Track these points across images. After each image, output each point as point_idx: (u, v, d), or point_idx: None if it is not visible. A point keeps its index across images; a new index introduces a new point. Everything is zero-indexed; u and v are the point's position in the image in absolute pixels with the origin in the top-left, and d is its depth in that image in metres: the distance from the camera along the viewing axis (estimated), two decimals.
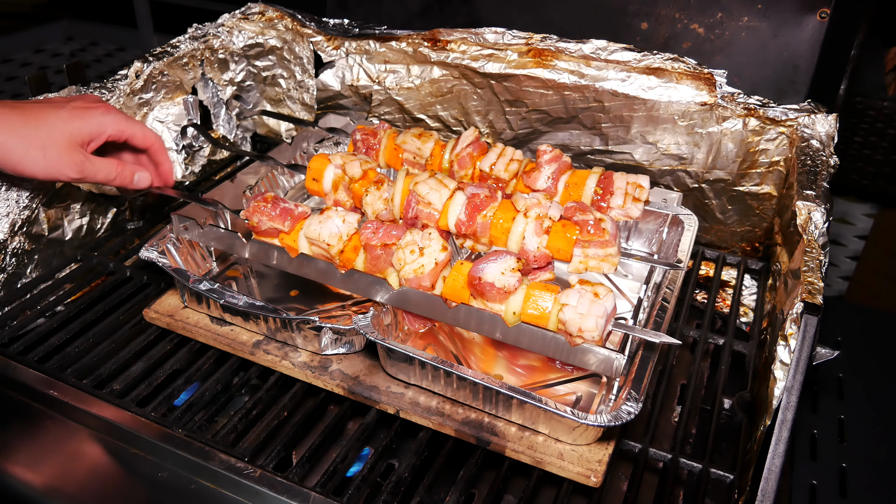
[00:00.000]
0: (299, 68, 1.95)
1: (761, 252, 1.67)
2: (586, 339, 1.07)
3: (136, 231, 1.70)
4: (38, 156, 1.19)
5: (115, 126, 1.29)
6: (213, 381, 1.28)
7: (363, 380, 1.23)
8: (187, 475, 1.10)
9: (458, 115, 1.84)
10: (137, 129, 1.33)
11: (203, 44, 1.83)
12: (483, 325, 1.17)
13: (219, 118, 1.95)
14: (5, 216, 1.40)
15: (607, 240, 1.17)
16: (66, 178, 1.24)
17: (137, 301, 1.47)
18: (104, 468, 1.13)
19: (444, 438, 1.18)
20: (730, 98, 1.53)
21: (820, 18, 1.55)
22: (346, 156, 1.39)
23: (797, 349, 1.11)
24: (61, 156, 1.21)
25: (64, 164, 1.22)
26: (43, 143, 1.19)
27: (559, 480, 1.12)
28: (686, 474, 1.19)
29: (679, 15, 1.66)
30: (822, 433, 1.51)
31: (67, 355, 1.31)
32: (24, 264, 1.47)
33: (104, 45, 3.67)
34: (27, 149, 1.18)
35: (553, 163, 1.38)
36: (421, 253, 1.17)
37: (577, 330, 1.07)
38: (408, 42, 1.79)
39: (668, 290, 1.29)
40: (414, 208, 1.28)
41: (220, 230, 1.34)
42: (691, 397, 1.30)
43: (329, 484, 1.09)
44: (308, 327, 1.24)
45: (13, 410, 1.22)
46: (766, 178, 1.58)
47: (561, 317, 1.08)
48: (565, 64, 1.64)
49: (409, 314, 1.32)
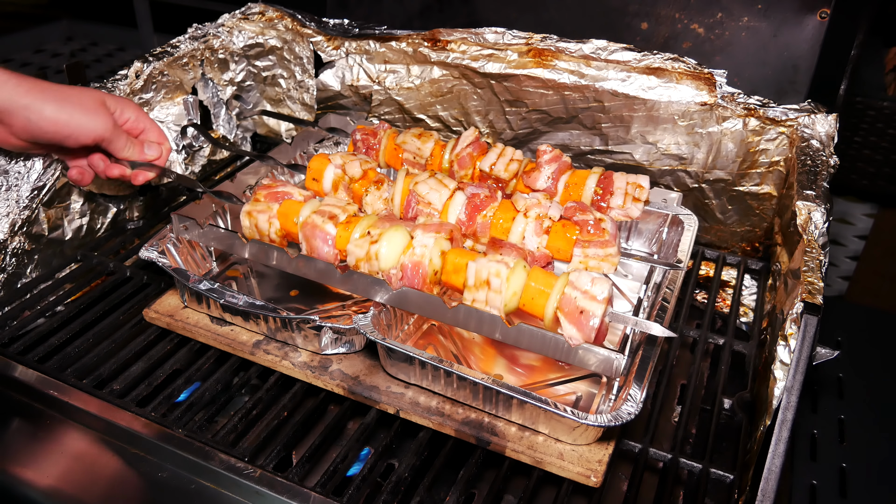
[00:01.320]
0: (299, 68, 1.95)
1: (761, 252, 1.67)
2: (587, 318, 1.07)
3: (136, 231, 1.70)
4: (84, 119, 1.26)
5: (137, 112, 1.36)
6: (213, 381, 1.28)
7: (363, 380, 1.23)
8: (187, 475, 1.10)
9: (458, 115, 1.84)
10: (153, 129, 1.40)
11: (203, 44, 1.83)
12: (483, 325, 1.17)
13: (219, 118, 1.95)
14: (5, 216, 1.40)
15: (607, 240, 1.17)
16: (99, 134, 1.29)
17: (137, 301, 1.47)
18: (104, 468, 1.13)
19: (444, 438, 1.18)
20: (730, 98, 1.53)
21: (820, 18, 1.55)
22: (346, 156, 1.39)
23: (797, 349, 1.11)
24: (98, 112, 1.28)
25: (102, 120, 1.28)
26: (85, 105, 1.27)
27: (559, 480, 1.12)
28: (686, 474, 1.19)
29: (679, 15, 1.66)
30: (822, 433, 1.51)
31: (67, 355, 1.31)
32: (24, 264, 1.47)
33: (104, 45, 3.67)
34: (71, 114, 1.25)
35: (553, 163, 1.38)
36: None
37: (583, 301, 1.07)
38: (408, 42, 1.79)
39: (668, 290, 1.28)
40: (414, 208, 1.28)
41: (220, 230, 1.34)
42: (691, 397, 1.30)
43: (329, 484, 1.09)
44: (308, 327, 1.24)
45: (13, 410, 1.22)
46: (766, 178, 1.58)
47: (568, 291, 1.09)
48: (565, 64, 1.64)
49: None
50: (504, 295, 1.12)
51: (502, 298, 1.12)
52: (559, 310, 1.09)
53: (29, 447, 1.16)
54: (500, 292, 1.11)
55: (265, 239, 1.30)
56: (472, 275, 1.13)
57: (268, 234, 1.30)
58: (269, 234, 1.30)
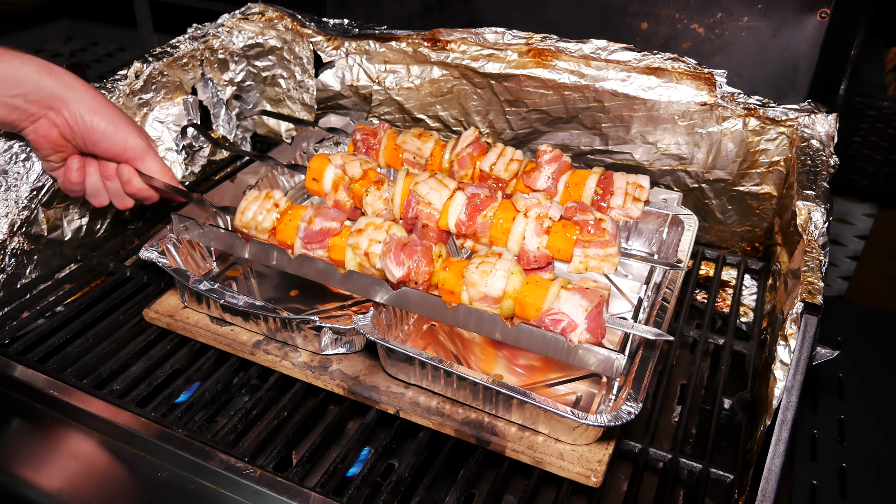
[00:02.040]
0: (299, 68, 1.95)
1: (761, 252, 1.67)
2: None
3: (136, 231, 1.70)
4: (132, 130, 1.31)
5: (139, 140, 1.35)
6: (213, 381, 1.28)
7: (363, 380, 1.23)
8: (187, 475, 1.10)
9: (458, 115, 1.84)
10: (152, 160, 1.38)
11: (203, 44, 1.83)
12: (483, 325, 1.17)
13: (219, 118, 1.95)
14: (5, 216, 1.40)
15: (607, 240, 1.17)
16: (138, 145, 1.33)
17: (137, 301, 1.47)
18: (104, 468, 1.13)
19: (444, 438, 1.18)
20: (730, 98, 1.53)
21: (820, 18, 1.55)
22: (346, 156, 1.39)
23: (797, 349, 1.11)
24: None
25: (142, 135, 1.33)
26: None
27: (559, 480, 1.12)
28: (686, 474, 1.19)
29: (679, 15, 1.66)
30: (822, 433, 1.50)
31: (67, 355, 1.31)
32: (23, 264, 1.47)
33: (104, 45, 3.66)
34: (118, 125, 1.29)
35: (553, 163, 1.38)
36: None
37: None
38: (408, 42, 1.79)
39: (668, 290, 1.28)
40: (414, 208, 1.28)
41: (220, 230, 1.34)
42: (691, 397, 1.30)
43: (329, 484, 1.09)
44: (308, 327, 1.24)
45: (13, 410, 1.22)
46: (766, 178, 1.58)
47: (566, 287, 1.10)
48: (565, 64, 1.64)
49: None
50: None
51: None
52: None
53: (29, 447, 1.16)
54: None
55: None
56: None
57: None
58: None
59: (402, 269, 1.15)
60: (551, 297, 1.10)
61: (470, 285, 1.13)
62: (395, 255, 1.15)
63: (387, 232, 1.20)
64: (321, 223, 1.24)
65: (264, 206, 1.29)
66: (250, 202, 1.30)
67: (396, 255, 1.15)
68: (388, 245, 1.16)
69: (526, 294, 1.11)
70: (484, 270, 1.12)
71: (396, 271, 1.15)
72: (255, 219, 1.28)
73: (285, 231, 1.28)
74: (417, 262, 1.16)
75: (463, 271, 1.14)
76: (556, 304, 1.09)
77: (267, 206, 1.29)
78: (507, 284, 1.12)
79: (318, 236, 1.24)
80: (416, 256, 1.16)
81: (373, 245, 1.19)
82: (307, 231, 1.24)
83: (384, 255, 1.16)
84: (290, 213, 1.29)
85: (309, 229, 1.24)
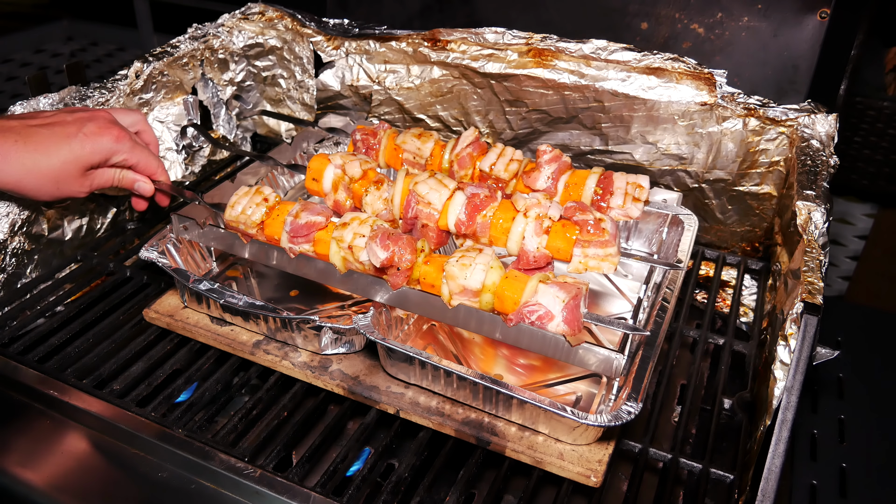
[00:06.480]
0: (299, 68, 1.95)
1: (761, 252, 1.67)
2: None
3: (136, 231, 1.70)
4: (52, 189, 1.29)
5: (123, 155, 1.36)
6: (213, 381, 1.28)
7: (363, 380, 1.23)
8: (187, 475, 1.10)
9: (458, 115, 1.84)
10: (142, 158, 1.39)
11: (203, 44, 1.83)
12: (483, 325, 1.17)
13: (219, 118, 1.95)
14: (5, 216, 1.40)
15: (607, 240, 1.17)
16: (74, 196, 1.34)
17: (137, 301, 1.47)
18: (104, 468, 1.13)
19: (444, 438, 1.18)
20: (730, 98, 1.53)
21: (820, 18, 1.55)
22: (346, 156, 1.39)
23: (797, 349, 1.11)
24: (72, 185, 1.30)
25: (74, 190, 1.32)
26: (56, 177, 1.27)
27: (559, 480, 1.12)
28: (686, 474, 1.19)
29: (679, 15, 1.66)
30: (822, 433, 1.51)
31: (67, 355, 1.31)
32: (24, 264, 1.47)
33: (104, 45, 3.66)
34: (41, 184, 1.27)
35: (553, 163, 1.38)
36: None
37: None
38: (408, 42, 1.79)
39: (668, 290, 1.28)
40: (414, 208, 1.28)
41: (220, 230, 1.34)
42: (691, 397, 1.30)
43: (329, 484, 1.09)
44: (308, 327, 1.24)
45: (13, 410, 1.22)
46: (766, 178, 1.58)
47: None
48: (565, 64, 1.64)
49: None
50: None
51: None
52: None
53: (29, 447, 1.16)
54: None
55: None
56: None
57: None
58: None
59: (387, 253, 1.17)
60: (529, 291, 1.11)
61: (450, 278, 1.14)
62: (381, 240, 1.18)
63: (371, 226, 1.22)
64: (307, 217, 1.26)
65: (253, 201, 1.31)
66: (240, 197, 1.32)
67: (382, 240, 1.18)
68: (375, 232, 1.19)
69: (504, 288, 1.13)
70: (464, 264, 1.14)
71: (381, 253, 1.17)
72: (245, 213, 1.30)
73: (273, 225, 1.30)
74: (402, 247, 1.18)
75: (443, 265, 1.16)
76: (535, 298, 1.10)
77: (256, 200, 1.31)
78: (487, 278, 1.13)
79: (303, 230, 1.26)
80: (400, 242, 1.18)
81: (357, 238, 1.20)
82: (293, 225, 1.26)
83: (371, 240, 1.19)
84: (279, 207, 1.31)
85: (295, 223, 1.26)
